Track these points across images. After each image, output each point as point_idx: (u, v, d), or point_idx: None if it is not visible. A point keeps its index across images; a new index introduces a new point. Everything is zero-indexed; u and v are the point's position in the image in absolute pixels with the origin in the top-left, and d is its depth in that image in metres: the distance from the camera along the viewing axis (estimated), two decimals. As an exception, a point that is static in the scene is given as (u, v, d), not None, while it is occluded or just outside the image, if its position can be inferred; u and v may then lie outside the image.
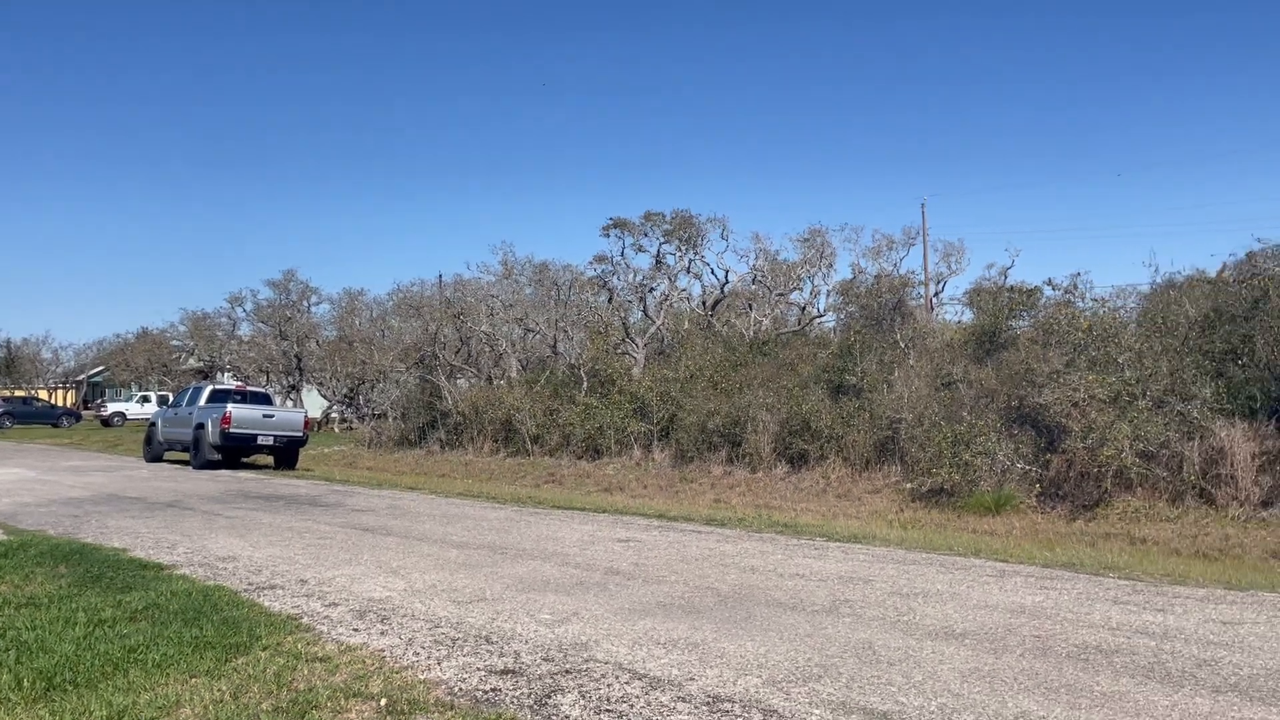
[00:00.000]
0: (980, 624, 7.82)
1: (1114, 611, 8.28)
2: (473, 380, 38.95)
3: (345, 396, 50.76)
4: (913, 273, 35.47)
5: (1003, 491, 17.49)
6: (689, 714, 5.56)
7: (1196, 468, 16.42)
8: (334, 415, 52.30)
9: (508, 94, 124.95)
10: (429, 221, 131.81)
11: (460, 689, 5.89)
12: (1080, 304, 21.66)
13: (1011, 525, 16.14)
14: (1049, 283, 22.96)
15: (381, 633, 7.29)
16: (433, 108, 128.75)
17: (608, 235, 35.38)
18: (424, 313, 41.47)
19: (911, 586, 9.46)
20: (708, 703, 5.76)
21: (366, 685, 5.86)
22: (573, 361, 34.11)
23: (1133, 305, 24.55)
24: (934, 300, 37.33)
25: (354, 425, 48.25)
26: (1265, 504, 15.71)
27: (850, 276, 35.05)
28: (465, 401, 34.66)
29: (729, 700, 5.82)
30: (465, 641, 7.05)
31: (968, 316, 29.04)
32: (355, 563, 10.58)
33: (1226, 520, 15.43)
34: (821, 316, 35.35)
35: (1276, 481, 16.08)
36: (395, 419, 38.57)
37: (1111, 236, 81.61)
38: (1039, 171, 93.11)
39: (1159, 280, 24.06)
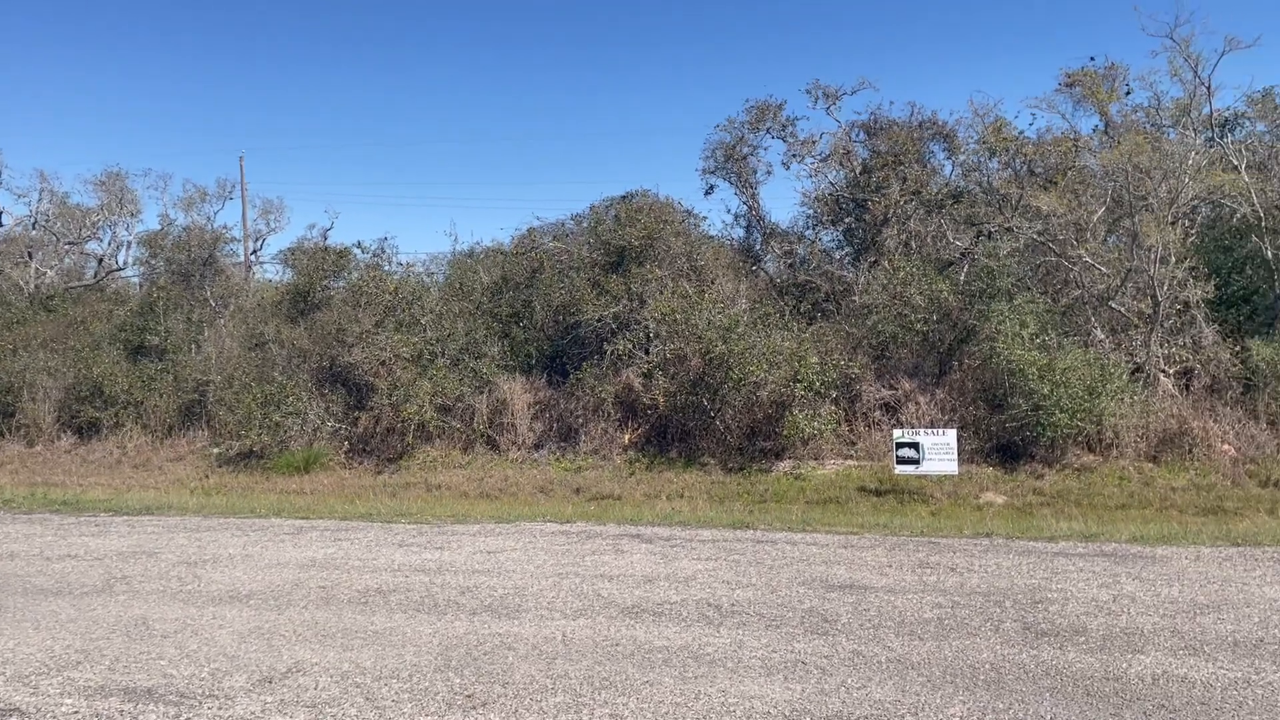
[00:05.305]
0: (269, 583, 7.73)
1: (398, 554, 8.84)
2: None
3: None
4: (227, 228, 33.73)
5: (313, 450, 17.65)
6: (-115, 741, 4.54)
7: (485, 418, 18.38)
8: None
9: None
10: None
11: None
12: (389, 267, 22.77)
13: (320, 483, 16.37)
14: (359, 245, 23.69)
15: None
16: None
17: None
18: None
19: (202, 554, 9.01)
20: (-85, 722, 4.78)
21: None
22: None
23: (444, 272, 26.51)
24: (253, 258, 36.13)
25: None
26: (537, 446, 18.22)
27: (159, 228, 32.15)
28: None
29: (-53, 713, 4.90)
30: None
31: (289, 276, 28.62)
32: None
33: (507, 463, 17.56)
34: (122, 270, 31.89)
35: (546, 427, 18.75)
36: None
37: (424, 204, 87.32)
38: (356, 134, 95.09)
39: (460, 249, 26.32)
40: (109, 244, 32.97)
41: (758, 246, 22.68)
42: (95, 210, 31.84)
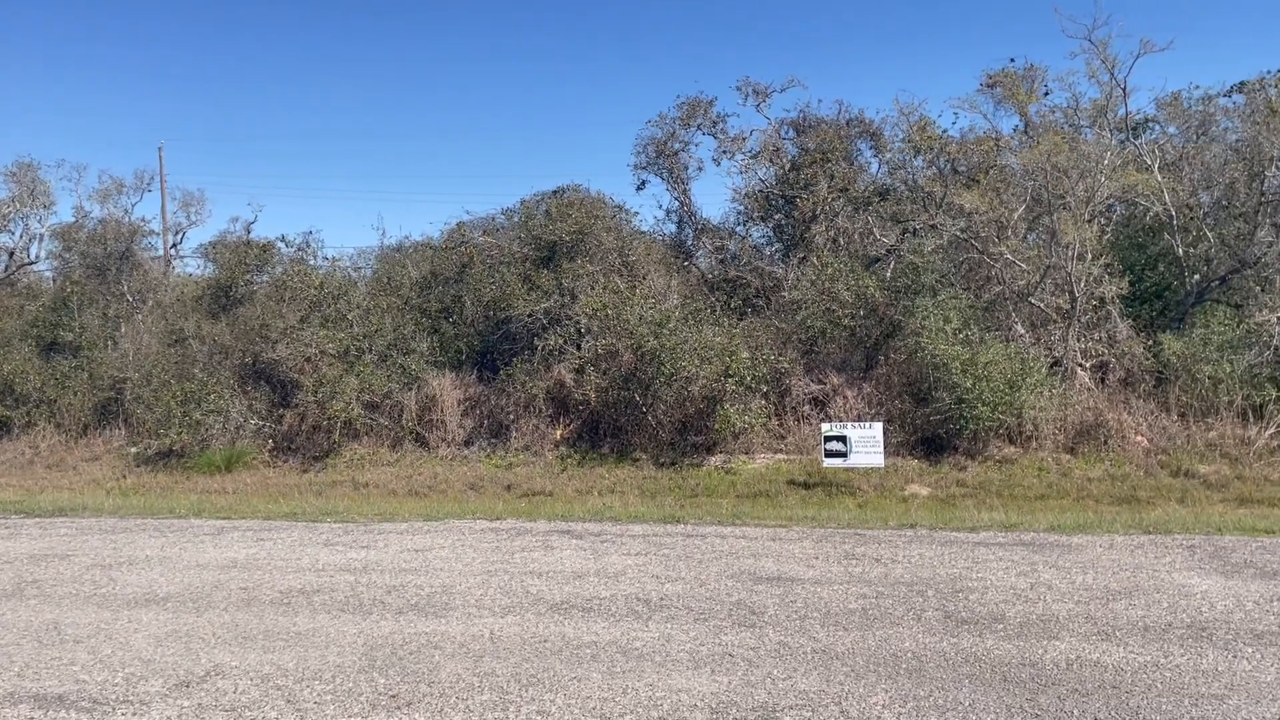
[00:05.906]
0: (187, 585, 7.53)
1: (323, 554, 8.68)
2: None
3: None
4: (146, 220, 32.68)
5: (236, 449, 17.24)
6: None
7: (414, 415, 18.12)
8: None
9: None
10: None
11: None
12: (315, 262, 22.34)
13: (242, 482, 16.00)
14: (283, 239, 23.21)
15: None
16: None
17: None
18: None
19: (118, 556, 8.73)
20: None
21: None
22: None
23: (371, 266, 26.04)
24: (173, 252, 35.09)
25: None
26: (467, 443, 18.04)
27: (73, 220, 31.01)
28: None
29: None
30: None
31: (211, 270, 27.88)
32: None
33: (437, 460, 17.35)
34: (34, 263, 30.75)
35: (477, 423, 18.57)
36: None
37: (351, 197, 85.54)
38: (280, 125, 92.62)
39: (388, 243, 25.91)
40: (20, 237, 31.64)
41: (689, 242, 22.75)
42: (5, 202, 30.53)
